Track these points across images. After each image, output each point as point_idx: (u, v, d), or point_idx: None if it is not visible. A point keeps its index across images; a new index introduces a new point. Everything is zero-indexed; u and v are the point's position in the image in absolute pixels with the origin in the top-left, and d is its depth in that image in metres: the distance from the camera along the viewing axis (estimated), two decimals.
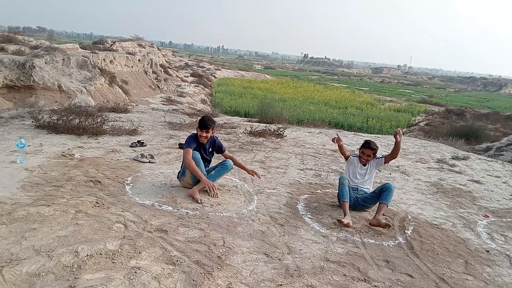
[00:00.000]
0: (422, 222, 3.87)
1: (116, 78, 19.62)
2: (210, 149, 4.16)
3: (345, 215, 3.52)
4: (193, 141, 3.96)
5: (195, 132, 4.05)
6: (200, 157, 3.94)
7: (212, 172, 4.07)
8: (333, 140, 4.16)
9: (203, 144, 4.04)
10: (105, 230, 2.89)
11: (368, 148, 3.98)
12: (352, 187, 3.93)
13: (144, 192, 3.84)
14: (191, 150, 3.85)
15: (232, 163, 4.15)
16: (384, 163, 4.04)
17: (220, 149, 4.22)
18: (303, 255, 2.91)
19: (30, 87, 14.23)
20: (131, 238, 2.81)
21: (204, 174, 3.94)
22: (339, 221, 3.42)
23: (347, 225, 3.40)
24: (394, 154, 3.92)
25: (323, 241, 3.18)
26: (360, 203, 3.88)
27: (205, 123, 3.94)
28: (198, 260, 2.63)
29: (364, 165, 4.06)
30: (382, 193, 3.70)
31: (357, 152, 4.21)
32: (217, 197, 3.87)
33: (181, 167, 4.09)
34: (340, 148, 4.16)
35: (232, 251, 2.83)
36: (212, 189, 3.86)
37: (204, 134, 3.96)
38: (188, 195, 3.83)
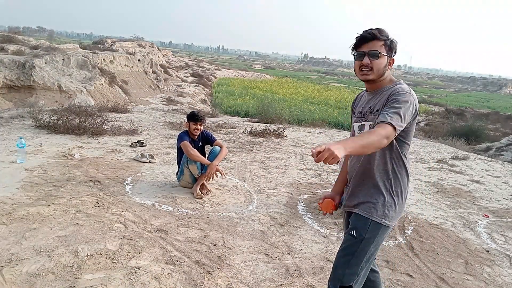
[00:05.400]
0: (422, 222, 3.87)
1: (116, 78, 19.62)
2: (200, 144, 4.15)
3: None
4: (186, 136, 3.98)
5: (186, 129, 4.07)
6: None
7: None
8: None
9: (194, 140, 4.05)
10: (105, 230, 2.89)
11: None
12: None
13: (144, 192, 3.84)
14: (188, 142, 3.89)
15: (218, 148, 4.06)
16: None
17: (209, 140, 4.16)
18: (303, 255, 2.91)
19: (30, 87, 14.24)
20: (131, 238, 2.81)
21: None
22: None
23: None
24: None
25: (323, 241, 3.18)
26: None
27: (196, 115, 3.95)
28: (198, 260, 2.63)
29: None
30: None
31: None
32: (226, 176, 4.23)
33: (179, 167, 4.09)
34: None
35: (232, 251, 2.83)
36: (220, 172, 3.91)
37: (198, 127, 3.97)
38: (192, 192, 3.92)
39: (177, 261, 2.58)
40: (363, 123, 1.80)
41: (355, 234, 1.70)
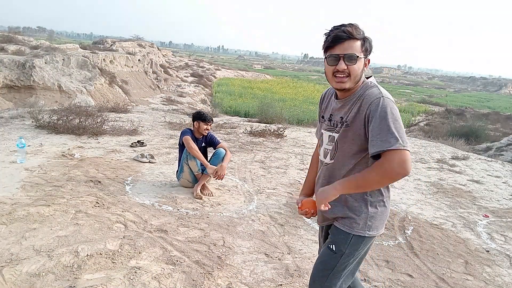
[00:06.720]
0: (422, 222, 3.87)
1: (116, 78, 19.62)
2: (203, 144, 4.14)
3: None
4: (190, 133, 4.00)
5: (190, 128, 4.09)
6: None
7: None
8: None
9: (197, 139, 4.06)
10: (105, 230, 2.89)
11: None
12: None
13: (144, 192, 3.84)
14: (190, 137, 3.90)
15: (223, 150, 4.06)
16: None
17: (213, 142, 4.15)
18: (303, 255, 2.91)
19: (30, 87, 14.23)
20: (131, 238, 2.81)
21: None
22: None
23: None
24: None
25: None
26: None
27: (207, 116, 4.00)
28: (198, 260, 2.63)
29: None
30: None
31: None
32: (223, 178, 3.85)
33: (179, 164, 4.09)
34: None
35: (232, 251, 2.83)
36: (218, 172, 3.80)
37: (209, 127, 4.01)
38: (192, 192, 3.92)
39: (177, 261, 2.58)
40: (333, 134, 1.59)
41: (334, 249, 1.56)
